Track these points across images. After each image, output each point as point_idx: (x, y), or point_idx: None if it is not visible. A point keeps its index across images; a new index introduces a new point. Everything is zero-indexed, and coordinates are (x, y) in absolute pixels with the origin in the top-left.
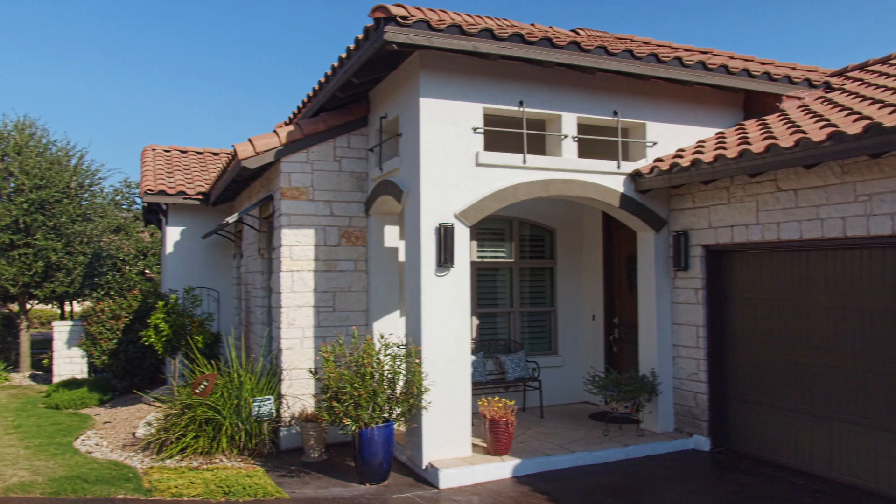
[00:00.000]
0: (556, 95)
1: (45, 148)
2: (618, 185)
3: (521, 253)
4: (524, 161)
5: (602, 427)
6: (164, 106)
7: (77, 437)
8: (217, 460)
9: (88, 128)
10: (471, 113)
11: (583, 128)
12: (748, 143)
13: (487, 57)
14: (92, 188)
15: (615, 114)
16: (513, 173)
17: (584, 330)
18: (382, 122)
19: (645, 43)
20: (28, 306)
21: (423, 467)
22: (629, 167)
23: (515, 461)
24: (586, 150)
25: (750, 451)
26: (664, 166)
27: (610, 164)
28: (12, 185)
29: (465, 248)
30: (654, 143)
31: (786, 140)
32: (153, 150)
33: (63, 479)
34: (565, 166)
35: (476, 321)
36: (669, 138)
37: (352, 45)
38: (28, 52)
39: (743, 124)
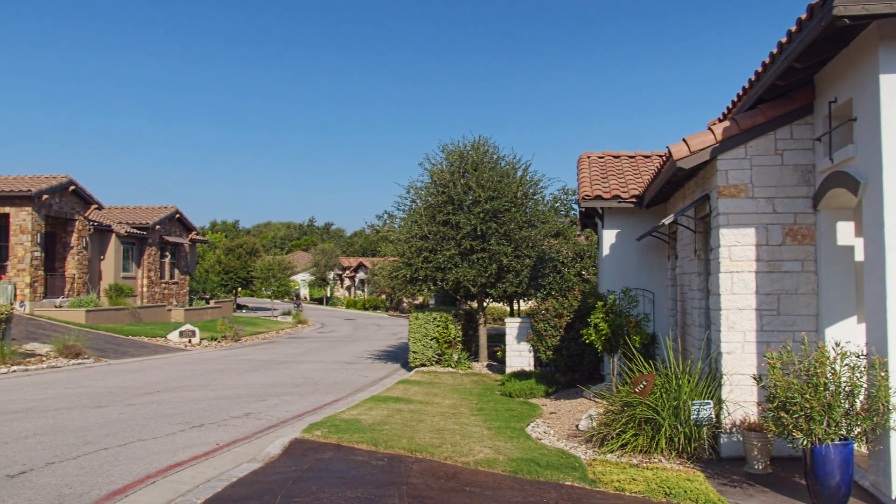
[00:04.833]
0: None
1: (495, 163)
2: None
3: None
4: None
5: None
6: (598, 113)
7: (528, 424)
8: (655, 460)
9: (529, 140)
10: None
11: None
12: None
13: None
14: (535, 197)
15: None
16: None
17: None
18: (831, 108)
19: None
20: (484, 304)
21: (894, 498)
22: None
23: None
24: None
25: None
26: None
27: None
28: (471, 197)
29: None
30: None
31: None
32: (588, 157)
33: (519, 460)
34: None
35: None
36: None
37: (793, 28)
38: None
39: None
